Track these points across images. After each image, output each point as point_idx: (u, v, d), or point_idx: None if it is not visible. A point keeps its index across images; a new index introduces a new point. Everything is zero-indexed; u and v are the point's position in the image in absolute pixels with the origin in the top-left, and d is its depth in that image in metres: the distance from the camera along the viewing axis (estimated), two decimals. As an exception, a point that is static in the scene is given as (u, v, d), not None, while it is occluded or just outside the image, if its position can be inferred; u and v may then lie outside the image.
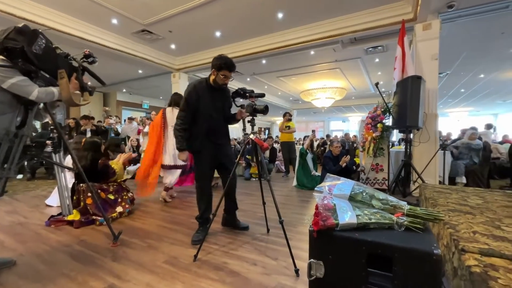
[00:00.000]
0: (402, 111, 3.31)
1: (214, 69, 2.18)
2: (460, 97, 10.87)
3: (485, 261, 1.09)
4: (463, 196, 2.42)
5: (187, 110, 2.16)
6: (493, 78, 7.69)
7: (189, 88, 2.21)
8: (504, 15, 3.89)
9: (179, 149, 2.16)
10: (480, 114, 16.03)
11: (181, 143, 2.15)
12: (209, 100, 2.20)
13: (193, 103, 2.16)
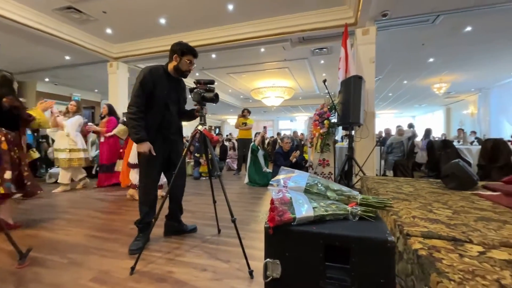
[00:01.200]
0: (346, 109, 3.51)
1: (176, 55, 2.01)
2: (388, 100, 12.40)
3: (428, 244, 1.14)
4: (397, 185, 2.67)
5: (142, 96, 1.89)
6: (413, 84, 8.95)
7: (144, 72, 1.95)
8: (425, 28, 4.50)
9: (140, 139, 1.88)
10: (403, 116, 18.65)
11: (141, 133, 1.88)
12: (166, 89, 1.98)
13: (148, 89, 1.92)
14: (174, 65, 2.03)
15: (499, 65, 6.89)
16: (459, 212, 1.67)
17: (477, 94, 10.68)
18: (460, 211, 1.69)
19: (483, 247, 1.11)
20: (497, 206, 1.86)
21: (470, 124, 11.59)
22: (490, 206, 1.84)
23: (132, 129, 1.90)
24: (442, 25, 4.38)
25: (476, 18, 4.20)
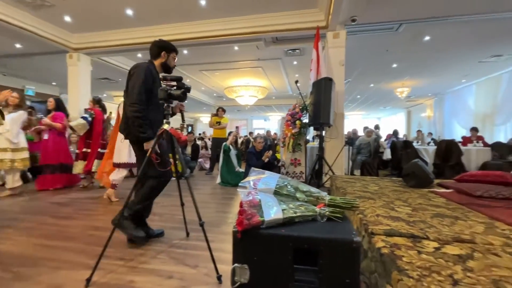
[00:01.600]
0: (317, 109, 3.59)
1: (164, 52, 2.07)
2: (356, 102, 13.04)
3: (390, 241, 1.18)
4: (364, 184, 2.79)
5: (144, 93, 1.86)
6: (379, 88, 9.50)
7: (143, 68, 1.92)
8: (389, 35, 4.78)
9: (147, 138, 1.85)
10: (369, 117, 19.76)
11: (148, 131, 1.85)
12: (159, 85, 1.94)
13: (149, 86, 1.90)
14: (161, 62, 2.05)
15: (452, 73, 7.58)
16: (418, 209, 1.78)
17: (433, 99, 11.65)
18: (419, 208, 1.81)
19: (438, 243, 1.18)
20: (450, 202, 2.02)
21: (427, 126, 12.62)
22: (444, 202, 1.99)
23: (138, 128, 1.82)
24: (405, 33, 4.69)
25: (434, 28, 4.55)
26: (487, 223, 1.49)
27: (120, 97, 11.12)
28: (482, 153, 4.78)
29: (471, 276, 0.89)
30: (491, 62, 6.43)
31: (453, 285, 0.84)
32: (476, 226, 1.43)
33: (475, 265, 0.97)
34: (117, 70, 7.61)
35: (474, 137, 5.89)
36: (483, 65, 6.66)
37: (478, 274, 0.90)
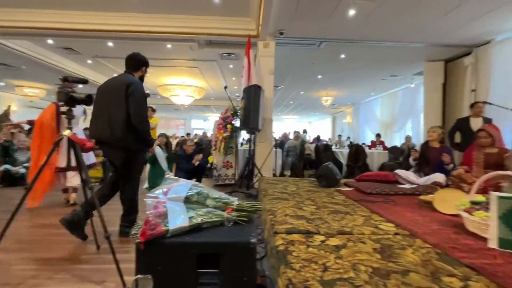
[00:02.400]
0: (247, 114, 3.77)
1: (144, 67, 2.48)
2: (290, 107, 14.07)
3: (288, 239, 1.36)
4: (285, 185, 3.07)
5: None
6: (309, 95, 10.49)
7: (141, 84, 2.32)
8: (313, 49, 5.36)
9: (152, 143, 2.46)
10: (302, 121, 21.56)
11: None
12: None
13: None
14: (140, 75, 2.39)
15: (363, 87, 8.96)
16: (320, 207, 2.07)
17: (352, 107, 13.50)
18: (322, 206, 2.11)
19: (325, 236, 1.41)
20: (347, 200, 2.41)
21: (348, 131, 14.54)
22: (343, 200, 2.37)
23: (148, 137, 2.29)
24: (325, 50, 5.33)
25: (348, 48, 5.32)
26: (367, 216, 1.85)
27: (23, 87, 9.30)
28: (382, 155, 5.81)
29: (339, 262, 1.11)
30: (390, 80, 7.87)
31: (323, 271, 1.03)
32: (358, 219, 1.76)
33: (345, 252, 1.21)
34: (20, 56, 6.36)
35: (378, 142, 7.10)
36: (385, 82, 8.09)
37: (344, 260, 1.13)
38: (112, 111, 2.09)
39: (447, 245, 1.31)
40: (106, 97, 2.16)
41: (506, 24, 4.07)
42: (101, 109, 2.16)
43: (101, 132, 2.11)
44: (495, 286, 0.95)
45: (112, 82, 2.29)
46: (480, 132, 2.69)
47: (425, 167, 3.02)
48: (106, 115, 2.11)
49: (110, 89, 2.19)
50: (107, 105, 2.13)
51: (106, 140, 2.14)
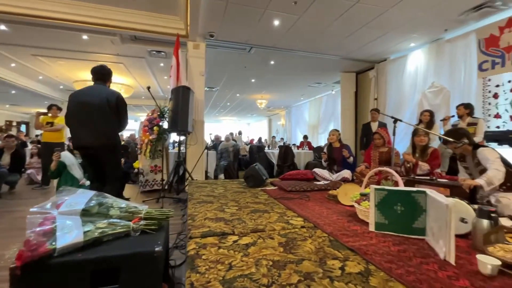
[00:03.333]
0: (175, 116, 3.63)
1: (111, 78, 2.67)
2: (228, 109, 14.14)
3: (202, 242, 1.38)
4: (213, 188, 3.08)
5: None
6: (244, 97, 10.75)
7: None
8: (244, 54, 5.52)
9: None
10: (241, 122, 21.94)
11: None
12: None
13: None
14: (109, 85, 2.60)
15: (293, 92, 9.71)
16: (242, 208, 2.16)
17: (285, 110, 14.44)
18: (244, 207, 2.20)
19: (239, 236, 1.49)
20: (269, 198, 2.57)
21: (282, 132, 15.47)
22: (265, 199, 2.52)
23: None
24: (256, 55, 5.57)
25: (276, 56, 5.67)
26: (282, 212, 2.02)
27: None
28: (308, 155, 6.41)
29: (245, 260, 1.18)
30: (316, 87, 8.75)
31: (227, 271, 1.07)
32: (274, 216, 1.91)
33: (253, 249, 1.29)
34: None
35: (305, 143, 7.79)
36: (311, 88, 8.95)
37: (250, 257, 1.20)
38: (99, 119, 2.34)
39: (339, 233, 1.54)
40: (89, 107, 2.32)
41: (395, 46, 5.03)
42: (87, 118, 2.32)
43: (95, 139, 2.33)
44: (365, 262, 1.17)
45: (91, 93, 2.40)
46: (375, 134, 3.25)
47: (334, 165, 3.47)
48: (93, 124, 2.33)
49: (92, 100, 2.34)
50: (92, 114, 2.32)
51: (100, 145, 2.35)
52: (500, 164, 1.91)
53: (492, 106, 3.77)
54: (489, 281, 0.99)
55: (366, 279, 1.01)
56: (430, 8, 3.53)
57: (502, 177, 1.85)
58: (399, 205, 1.50)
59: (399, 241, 1.40)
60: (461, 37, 4.15)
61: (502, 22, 3.58)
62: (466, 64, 4.09)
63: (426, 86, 4.71)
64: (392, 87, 5.59)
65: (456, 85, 4.23)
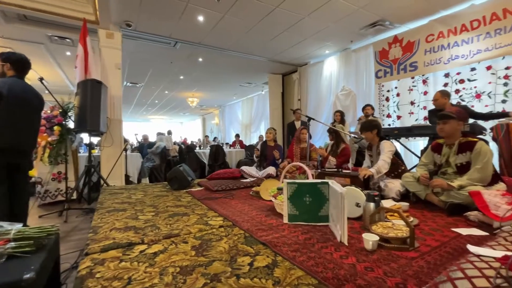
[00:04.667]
0: (83, 114, 3.12)
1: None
2: (156, 107, 13.13)
3: (100, 258, 1.20)
4: (131, 194, 2.77)
5: None
6: (174, 95, 10.16)
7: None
8: (170, 49, 5.19)
9: None
10: (173, 121, 20.73)
11: None
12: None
13: None
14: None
15: (225, 91, 9.71)
16: (160, 213, 2.00)
17: (218, 109, 14.32)
18: (162, 211, 2.04)
19: (148, 245, 1.35)
20: (193, 200, 2.48)
21: (216, 132, 15.31)
22: (188, 201, 2.41)
23: None
24: (182, 51, 5.31)
25: (204, 53, 5.53)
26: (203, 214, 1.96)
27: None
28: (239, 153, 6.50)
29: (149, 270, 1.07)
30: (247, 87, 8.96)
31: (124, 286, 0.95)
32: (193, 219, 1.83)
33: (161, 257, 1.19)
34: None
35: (237, 141, 7.88)
36: (243, 88, 9.11)
37: (155, 267, 1.10)
38: (33, 119, 2.14)
39: (255, 228, 1.57)
40: (30, 107, 2.06)
41: (313, 52, 5.57)
42: (21, 116, 1.99)
43: (25, 141, 2.06)
44: (273, 254, 1.22)
45: (26, 90, 2.06)
46: (303, 129, 3.47)
47: (264, 162, 3.61)
48: (28, 123, 2.06)
49: (28, 97, 2.05)
50: (27, 113, 2.04)
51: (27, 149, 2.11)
52: (389, 157, 2.30)
53: (385, 107, 4.56)
54: (370, 255, 1.15)
55: (272, 271, 1.04)
56: (338, 20, 4.01)
57: (387, 167, 2.23)
58: (307, 196, 1.63)
59: (307, 229, 1.52)
60: (363, 48, 4.87)
61: (390, 38, 4.35)
62: (367, 71, 4.83)
63: (338, 89, 5.36)
64: (312, 89, 6.16)
65: (360, 89, 4.94)
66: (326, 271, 1.01)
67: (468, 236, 1.35)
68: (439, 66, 3.71)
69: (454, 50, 3.54)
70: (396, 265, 1.06)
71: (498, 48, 3.11)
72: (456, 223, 1.58)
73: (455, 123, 1.88)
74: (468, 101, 3.46)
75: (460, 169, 1.90)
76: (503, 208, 1.40)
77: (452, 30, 3.56)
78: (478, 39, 3.29)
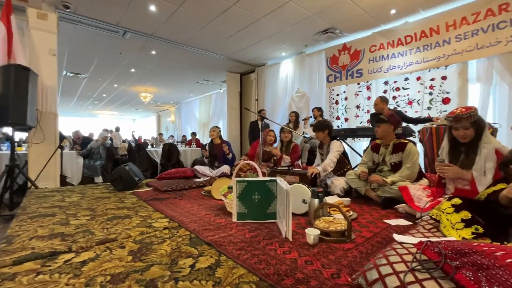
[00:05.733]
0: (3, 105, 2.66)
1: None
2: (104, 101, 11.97)
3: (11, 272, 1.02)
4: (64, 196, 2.45)
5: None
6: (124, 89, 9.38)
7: None
8: (118, 38, 4.76)
9: None
10: (124, 118, 19.16)
11: None
12: None
13: None
14: None
15: (182, 87, 9.33)
16: (97, 216, 1.81)
17: (175, 106, 13.71)
18: (100, 215, 1.84)
19: (76, 253, 1.20)
20: (138, 201, 2.30)
21: (172, 130, 14.62)
22: (132, 203, 2.22)
23: None
24: (133, 42, 4.92)
25: (158, 46, 5.21)
26: (147, 216, 1.83)
27: None
28: (195, 152, 6.30)
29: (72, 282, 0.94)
30: (205, 84, 8.74)
31: (36, 304, 0.82)
32: (135, 221, 1.69)
33: (90, 266, 1.06)
34: None
35: (194, 140, 7.63)
36: (200, 85, 8.87)
37: (81, 278, 0.97)
38: None
39: (202, 228, 1.52)
40: None
41: (270, 53, 5.70)
42: None
43: None
44: (218, 254, 1.18)
45: None
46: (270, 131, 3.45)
47: (215, 161, 3.55)
48: None
49: None
50: None
51: None
52: (336, 156, 2.45)
53: (335, 110, 4.88)
54: (311, 249, 1.20)
55: (214, 271, 1.01)
56: (293, 24, 4.15)
57: (333, 166, 2.38)
58: (256, 194, 1.63)
59: (255, 227, 1.52)
60: (316, 53, 5.14)
61: (340, 46, 4.67)
62: (319, 75, 5.11)
63: (293, 91, 5.56)
64: (268, 90, 6.29)
65: (313, 92, 5.20)
66: (268, 267, 1.02)
67: (396, 226, 1.50)
68: (380, 74, 4.10)
69: (392, 60, 3.95)
70: (334, 256, 1.11)
71: (426, 61, 3.57)
72: (388, 215, 1.76)
73: (386, 126, 2.09)
74: (402, 107, 3.89)
75: (393, 167, 2.11)
76: (424, 200, 1.60)
77: (391, 43, 3.97)
78: (411, 53, 3.73)
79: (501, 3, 2.96)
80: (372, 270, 0.85)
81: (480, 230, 1.04)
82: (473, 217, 1.08)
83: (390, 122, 2.08)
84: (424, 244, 0.86)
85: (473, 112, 1.45)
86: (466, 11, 3.23)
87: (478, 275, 0.66)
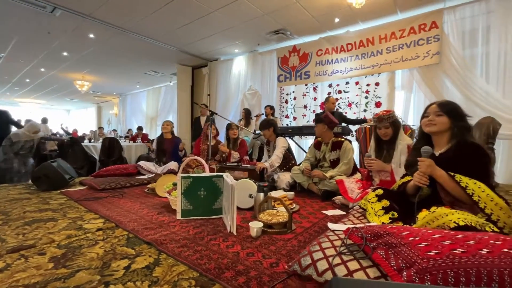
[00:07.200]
0: None
1: None
2: (27, 87, 10.22)
3: None
4: (-33, 199, 2.03)
5: None
6: (55, 75, 8.16)
7: None
8: (46, 15, 4.10)
9: None
10: (54, 108, 16.69)
11: None
12: None
13: None
14: None
15: (127, 77, 8.56)
16: (11, 221, 1.54)
17: (118, 98, 12.51)
18: (15, 219, 1.57)
19: (-21, 265, 1.02)
20: (68, 202, 2.04)
21: (115, 123, 13.32)
22: (60, 203, 1.95)
23: None
24: (65, 21, 4.28)
25: (97, 29, 4.66)
26: (77, 217, 1.63)
27: None
28: (141, 148, 5.86)
29: (-30, 299, 0.79)
30: (153, 76, 8.17)
31: None
32: (61, 224, 1.49)
33: None
34: None
35: (140, 135, 7.10)
36: (148, 76, 8.26)
37: (-17, 292, 0.82)
38: None
39: (141, 227, 1.42)
40: None
41: (223, 48, 5.63)
42: None
43: None
44: (157, 253, 1.13)
45: None
46: (204, 127, 3.41)
47: (163, 156, 3.37)
48: None
49: None
50: None
51: None
52: (281, 152, 2.56)
53: (284, 109, 5.09)
54: (254, 241, 1.23)
55: (151, 271, 0.96)
56: (246, 21, 4.17)
57: (280, 161, 2.49)
58: (202, 190, 1.60)
59: (200, 223, 1.49)
60: (268, 52, 5.27)
61: (290, 47, 4.88)
62: (271, 74, 5.25)
63: (246, 88, 5.61)
64: (221, 85, 6.22)
65: (265, 90, 5.33)
66: (209, 262, 1.01)
67: (332, 216, 1.65)
68: (325, 77, 4.42)
69: (335, 65, 4.29)
70: (274, 247, 1.16)
71: (363, 68, 3.97)
72: (327, 206, 1.91)
73: (321, 126, 2.28)
74: (343, 108, 4.27)
75: (332, 163, 2.30)
76: (355, 192, 1.79)
77: (335, 49, 4.30)
78: (351, 59, 4.10)
79: (420, 23, 3.47)
80: (306, 257, 0.91)
81: (395, 215, 1.21)
82: (391, 204, 1.26)
83: (324, 122, 2.26)
84: (350, 230, 0.96)
85: (391, 114, 1.68)
86: (394, 27, 3.69)
87: (389, 253, 0.77)
